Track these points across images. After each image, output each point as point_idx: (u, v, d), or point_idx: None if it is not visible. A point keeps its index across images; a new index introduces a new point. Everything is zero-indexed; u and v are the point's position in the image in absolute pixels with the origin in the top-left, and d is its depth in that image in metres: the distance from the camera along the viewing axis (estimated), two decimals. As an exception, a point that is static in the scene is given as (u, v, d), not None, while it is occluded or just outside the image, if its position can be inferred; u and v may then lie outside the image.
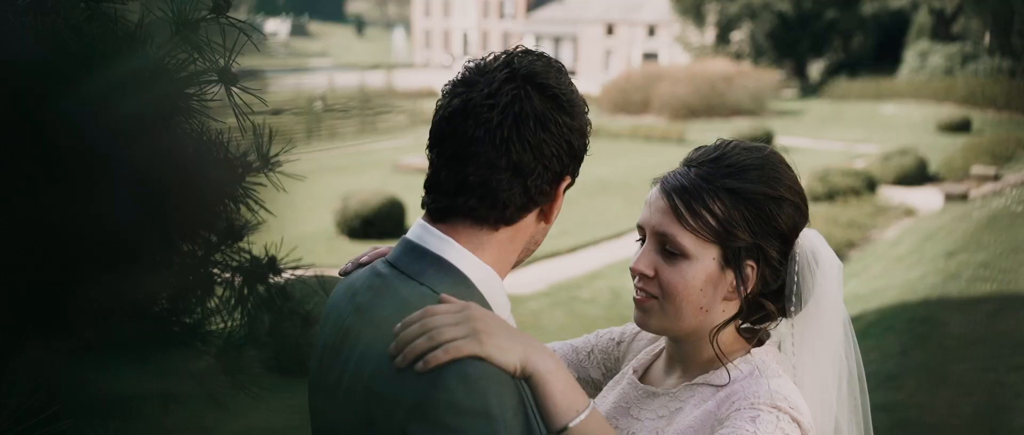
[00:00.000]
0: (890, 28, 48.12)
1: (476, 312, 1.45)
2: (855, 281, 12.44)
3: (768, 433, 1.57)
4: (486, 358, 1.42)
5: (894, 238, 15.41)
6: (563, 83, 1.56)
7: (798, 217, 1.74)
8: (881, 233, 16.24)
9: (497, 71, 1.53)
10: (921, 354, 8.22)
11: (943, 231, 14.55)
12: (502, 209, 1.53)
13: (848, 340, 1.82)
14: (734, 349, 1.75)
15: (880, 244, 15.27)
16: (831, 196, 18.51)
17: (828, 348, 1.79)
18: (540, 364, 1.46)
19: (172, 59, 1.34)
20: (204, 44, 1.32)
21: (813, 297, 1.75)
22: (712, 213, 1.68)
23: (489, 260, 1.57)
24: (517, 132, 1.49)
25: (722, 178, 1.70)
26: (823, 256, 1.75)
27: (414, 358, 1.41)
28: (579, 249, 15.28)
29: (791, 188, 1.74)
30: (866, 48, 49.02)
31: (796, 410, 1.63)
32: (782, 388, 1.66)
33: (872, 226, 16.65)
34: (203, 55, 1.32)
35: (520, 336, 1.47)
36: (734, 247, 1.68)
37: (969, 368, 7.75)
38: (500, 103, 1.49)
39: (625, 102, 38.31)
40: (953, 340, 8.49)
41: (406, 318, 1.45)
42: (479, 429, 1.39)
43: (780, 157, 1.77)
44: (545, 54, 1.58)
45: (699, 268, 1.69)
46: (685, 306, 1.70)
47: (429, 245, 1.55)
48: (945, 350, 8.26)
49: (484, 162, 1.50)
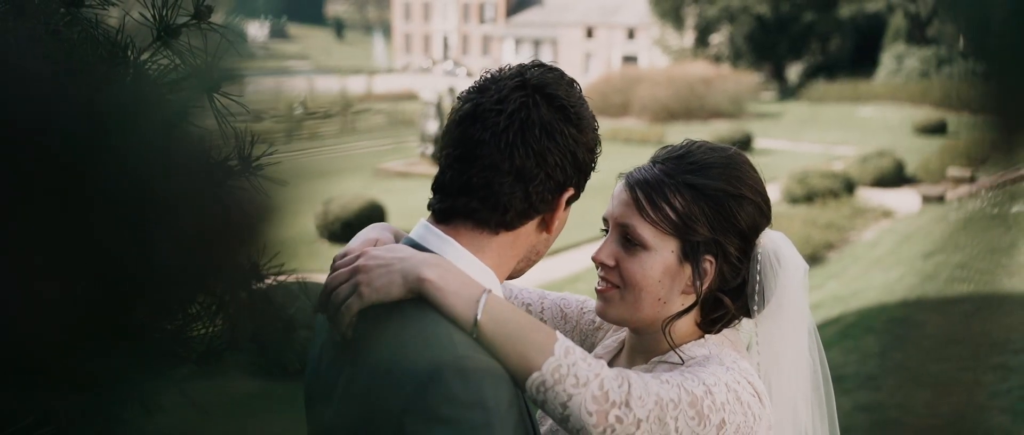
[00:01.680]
0: (867, 31, 48.46)
1: (361, 261, 1.53)
2: (834, 283, 12.51)
3: (719, 382, 1.61)
4: (373, 304, 1.50)
5: (872, 239, 15.51)
6: (573, 96, 1.59)
7: (759, 217, 1.78)
8: (859, 235, 16.35)
9: (508, 80, 1.56)
10: (900, 354, 8.28)
11: (921, 233, 14.66)
12: (503, 213, 1.55)
13: (813, 341, 1.86)
14: (690, 340, 1.78)
15: (858, 245, 15.37)
16: (810, 198, 18.62)
17: (792, 348, 1.83)
18: (424, 275, 1.49)
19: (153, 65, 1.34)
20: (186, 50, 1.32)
21: (776, 297, 1.78)
22: (672, 206, 1.72)
23: (489, 263, 1.59)
24: (522, 137, 1.52)
25: (684, 174, 1.74)
26: (787, 257, 1.79)
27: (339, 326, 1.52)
28: (559, 252, 15.31)
29: (753, 188, 1.78)
30: (843, 51, 49.33)
31: (752, 376, 1.67)
32: (739, 362, 1.70)
33: (850, 228, 16.75)
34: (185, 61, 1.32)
35: (399, 262, 1.52)
36: (693, 241, 1.73)
37: (947, 368, 7.80)
38: (507, 109, 1.53)
39: (605, 105, 38.39)
40: (931, 340, 8.55)
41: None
42: (475, 419, 1.41)
43: (745, 158, 1.82)
44: (558, 68, 1.62)
45: (658, 259, 1.73)
46: (644, 296, 1.74)
47: (430, 244, 1.58)
48: (923, 350, 8.32)
49: (488, 164, 1.53)
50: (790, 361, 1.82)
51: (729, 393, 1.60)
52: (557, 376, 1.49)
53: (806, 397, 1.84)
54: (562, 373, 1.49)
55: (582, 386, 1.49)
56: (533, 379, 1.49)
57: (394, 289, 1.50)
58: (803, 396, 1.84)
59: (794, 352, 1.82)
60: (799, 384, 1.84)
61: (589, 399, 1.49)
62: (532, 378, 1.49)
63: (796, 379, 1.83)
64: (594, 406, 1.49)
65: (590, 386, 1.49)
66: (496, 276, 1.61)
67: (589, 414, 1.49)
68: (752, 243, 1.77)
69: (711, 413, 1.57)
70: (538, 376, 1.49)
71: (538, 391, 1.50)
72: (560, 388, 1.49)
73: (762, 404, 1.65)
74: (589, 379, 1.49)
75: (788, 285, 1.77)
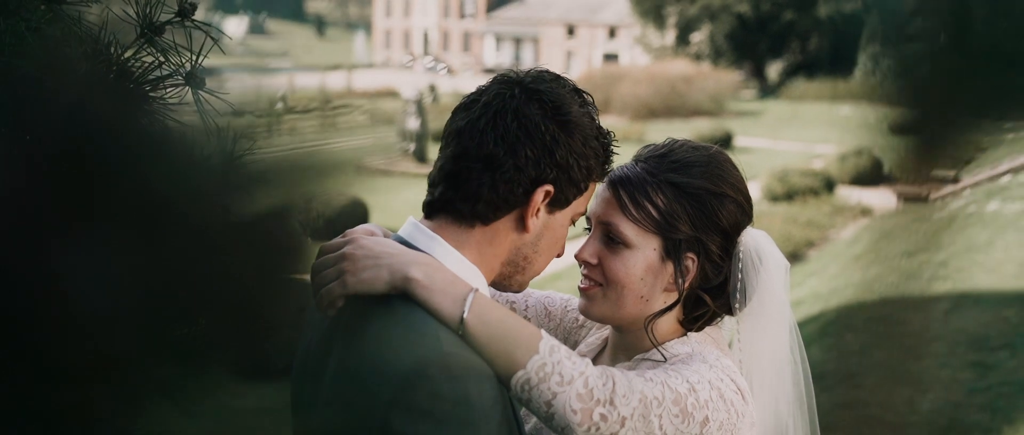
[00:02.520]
0: (845, 30, 48.68)
1: (348, 248, 1.55)
2: (815, 280, 12.57)
3: (702, 380, 1.62)
4: (355, 294, 1.50)
5: (851, 237, 15.59)
6: (565, 98, 1.58)
7: (741, 215, 1.79)
8: (838, 233, 16.43)
9: (502, 77, 1.59)
10: (880, 352, 8.33)
11: (900, 231, 14.74)
12: (473, 202, 1.55)
13: (794, 339, 1.88)
14: (672, 337, 1.79)
15: (838, 243, 15.45)
16: (790, 196, 18.69)
17: (773, 345, 1.84)
18: (411, 274, 1.49)
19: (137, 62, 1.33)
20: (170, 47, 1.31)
21: (757, 295, 1.80)
22: (654, 205, 1.73)
23: (472, 260, 1.59)
24: (493, 124, 1.53)
25: (666, 172, 1.75)
26: (768, 255, 1.80)
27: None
28: (541, 250, 15.27)
29: (735, 187, 1.79)
30: (823, 50, 49.55)
31: (735, 374, 1.69)
32: (722, 359, 1.71)
33: (830, 226, 16.84)
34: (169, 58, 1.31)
35: (387, 257, 1.52)
36: (675, 239, 1.74)
37: (926, 365, 7.86)
38: (483, 99, 1.56)
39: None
40: (910, 338, 8.61)
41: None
42: (459, 416, 1.42)
43: (726, 157, 1.83)
44: (564, 78, 1.62)
45: (640, 257, 1.74)
46: (626, 294, 1.75)
47: (418, 242, 1.58)
48: (903, 348, 8.38)
49: (460, 151, 1.55)
50: (771, 359, 1.84)
51: (712, 390, 1.61)
52: (542, 374, 1.49)
53: (787, 394, 1.86)
54: (547, 371, 1.49)
55: (567, 384, 1.49)
56: (518, 377, 1.49)
57: (378, 284, 1.50)
58: (784, 393, 1.85)
59: (775, 350, 1.84)
60: (780, 382, 1.85)
61: (574, 397, 1.49)
62: (517, 376, 1.49)
63: (777, 376, 1.85)
64: (579, 404, 1.49)
65: (575, 384, 1.49)
66: (482, 274, 1.60)
67: (574, 412, 1.49)
68: (734, 241, 1.78)
69: (695, 410, 1.58)
70: (523, 374, 1.49)
71: (523, 389, 1.50)
72: (545, 386, 1.49)
73: (745, 401, 1.66)
74: (574, 377, 1.50)
75: (770, 283, 1.79)
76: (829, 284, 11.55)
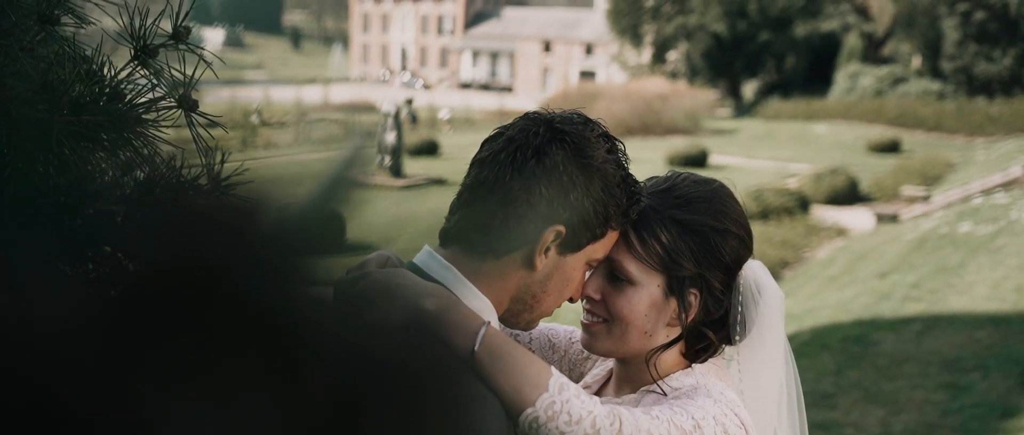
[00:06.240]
0: (822, 50, 49.19)
1: (360, 285, 1.51)
2: (790, 301, 12.61)
3: (707, 416, 1.62)
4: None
5: (826, 258, 15.69)
6: (590, 142, 1.57)
7: (742, 249, 1.79)
8: (814, 253, 16.52)
9: (532, 114, 1.60)
10: (854, 373, 8.38)
11: (874, 252, 14.86)
12: (484, 233, 1.55)
13: (789, 367, 1.89)
14: (676, 370, 1.79)
15: (813, 263, 15.53)
16: (765, 215, 18.76)
17: (771, 374, 1.85)
18: (424, 306, 1.49)
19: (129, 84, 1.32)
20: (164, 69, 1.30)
21: (756, 326, 1.80)
22: (659, 242, 1.72)
23: (483, 292, 1.58)
24: (512, 158, 1.53)
25: (670, 209, 1.74)
26: (766, 287, 1.81)
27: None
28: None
29: (737, 221, 1.79)
30: (799, 69, 50.02)
31: (739, 408, 1.70)
32: (726, 392, 1.71)
33: (805, 246, 16.91)
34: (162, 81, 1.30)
35: (400, 289, 1.50)
36: (679, 276, 1.73)
37: (900, 386, 7.91)
38: (508, 133, 1.57)
39: (562, 119, 38.42)
40: (884, 359, 8.67)
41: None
42: None
43: (728, 191, 1.83)
44: (599, 125, 1.62)
45: (644, 294, 1.73)
46: (630, 330, 1.74)
47: (432, 272, 1.58)
48: (877, 369, 8.43)
49: (478, 182, 1.55)
50: (770, 388, 1.85)
51: (717, 426, 1.61)
52: (550, 413, 1.49)
53: (784, 423, 1.87)
54: (556, 410, 1.49)
55: (575, 424, 1.49)
56: (526, 415, 1.49)
57: (392, 316, 1.49)
58: (781, 423, 1.87)
59: (774, 379, 1.85)
60: (778, 411, 1.86)
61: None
62: (525, 414, 1.49)
63: (775, 406, 1.85)
64: None
65: (583, 424, 1.49)
66: (493, 307, 1.59)
67: None
68: (735, 275, 1.79)
69: None
70: (532, 412, 1.49)
71: (531, 427, 1.50)
72: (553, 425, 1.49)
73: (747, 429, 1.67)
74: (582, 417, 1.50)
75: (768, 314, 1.80)
76: (803, 305, 11.60)
